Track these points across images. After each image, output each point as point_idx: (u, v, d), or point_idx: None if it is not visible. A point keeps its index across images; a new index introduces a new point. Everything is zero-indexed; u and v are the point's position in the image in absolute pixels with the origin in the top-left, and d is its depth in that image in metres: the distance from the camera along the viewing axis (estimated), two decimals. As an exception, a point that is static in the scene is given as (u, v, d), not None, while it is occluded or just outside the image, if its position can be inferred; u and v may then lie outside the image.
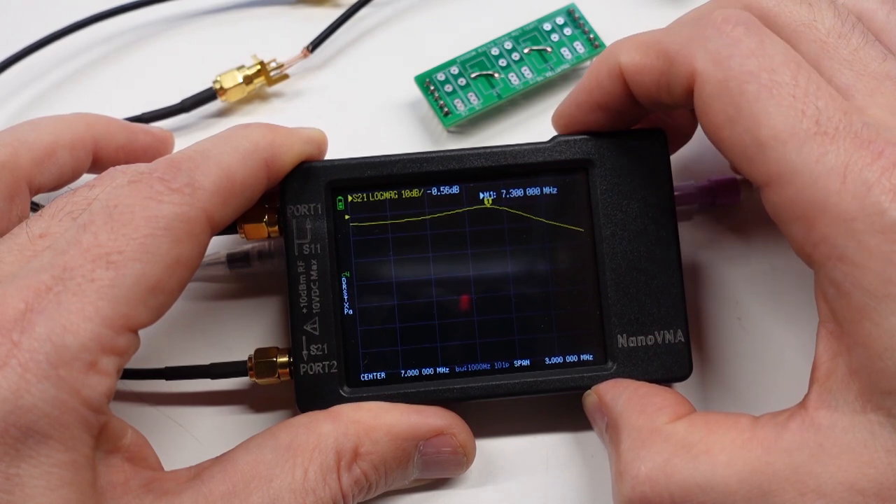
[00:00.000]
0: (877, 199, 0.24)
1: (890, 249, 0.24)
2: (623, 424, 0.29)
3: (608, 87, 0.31)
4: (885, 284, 0.24)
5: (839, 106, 0.26)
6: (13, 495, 0.24)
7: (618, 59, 0.30)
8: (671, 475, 0.27)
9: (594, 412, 0.32)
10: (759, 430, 0.27)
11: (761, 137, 0.26)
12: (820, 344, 0.27)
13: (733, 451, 0.27)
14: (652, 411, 0.29)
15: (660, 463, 0.27)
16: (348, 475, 0.30)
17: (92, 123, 0.34)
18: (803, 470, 0.26)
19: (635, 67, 0.30)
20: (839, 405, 0.26)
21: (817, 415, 0.26)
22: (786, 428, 0.27)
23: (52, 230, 0.28)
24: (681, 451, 0.27)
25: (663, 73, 0.29)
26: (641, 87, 0.30)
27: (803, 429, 0.26)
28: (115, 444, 0.27)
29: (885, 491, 0.25)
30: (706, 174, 0.37)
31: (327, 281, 0.32)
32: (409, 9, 0.43)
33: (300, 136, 0.32)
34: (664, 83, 0.29)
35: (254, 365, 0.33)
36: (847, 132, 0.25)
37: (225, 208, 0.29)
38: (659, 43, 0.29)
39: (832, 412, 0.26)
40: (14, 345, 0.25)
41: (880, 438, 0.25)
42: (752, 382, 0.35)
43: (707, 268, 0.37)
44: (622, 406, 0.30)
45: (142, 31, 0.42)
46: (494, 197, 0.33)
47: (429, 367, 0.33)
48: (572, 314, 0.33)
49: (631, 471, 0.28)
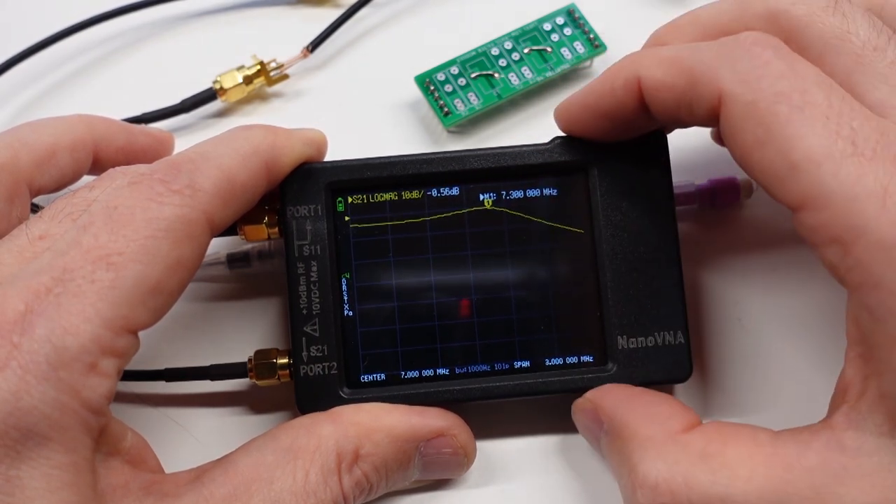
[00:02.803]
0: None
1: None
2: (631, 434, 0.29)
3: (621, 97, 0.30)
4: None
5: (876, 126, 0.25)
6: (13, 497, 0.24)
7: (637, 73, 0.29)
8: (692, 486, 0.27)
9: (588, 419, 0.31)
10: (781, 447, 0.27)
11: (794, 159, 0.25)
12: (848, 366, 0.26)
13: (753, 466, 0.26)
14: (662, 420, 0.29)
15: (679, 473, 0.27)
16: (349, 477, 0.30)
17: (92, 125, 0.34)
18: (826, 491, 0.25)
19: (656, 84, 0.29)
20: (867, 428, 0.26)
21: (844, 435, 0.26)
22: (809, 447, 0.26)
23: (52, 231, 0.28)
24: (699, 463, 0.27)
25: (686, 92, 0.28)
26: (660, 104, 0.29)
27: (829, 449, 0.26)
28: (116, 446, 0.27)
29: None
30: (706, 174, 0.37)
31: (327, 282, 0.32)
32: (409, 9, 0.43)
33: (300, 138, 0.32)
34: (685, 102, 0.28)
35: (254, 366, 0.33)
36: (886, 153, 0.24)
37: (225, 210, 0.29)
38: (684, 61, 0.28)
39: (860, 434, 0.26)
40: (14, 346, 0.25)
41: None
42: (753, 383, 0.35)
43: (707, 268, 0.37)
44: (627, 414, 0.30)
45: (142, 32, 0.42)
46: (494, 198, 0.33)
47: (429, 369, 0.33)
48: (572, 315, 0.33)
49: (649, 481, 0.27)
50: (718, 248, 0.37)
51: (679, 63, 0.28)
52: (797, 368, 0.35)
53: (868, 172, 0.24)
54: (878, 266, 0.24)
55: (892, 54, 0.27)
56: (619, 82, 0.30)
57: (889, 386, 0.25)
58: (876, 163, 0.24)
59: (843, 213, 0.24)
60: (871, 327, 0.25)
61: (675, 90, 0.28)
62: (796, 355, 0.35)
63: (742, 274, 0.37)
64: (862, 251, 0.24)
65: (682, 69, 0.28)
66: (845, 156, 0.24)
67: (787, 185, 0.26)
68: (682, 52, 0.29)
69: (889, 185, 0.24)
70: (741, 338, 0.36)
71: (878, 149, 0.24)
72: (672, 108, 0.29)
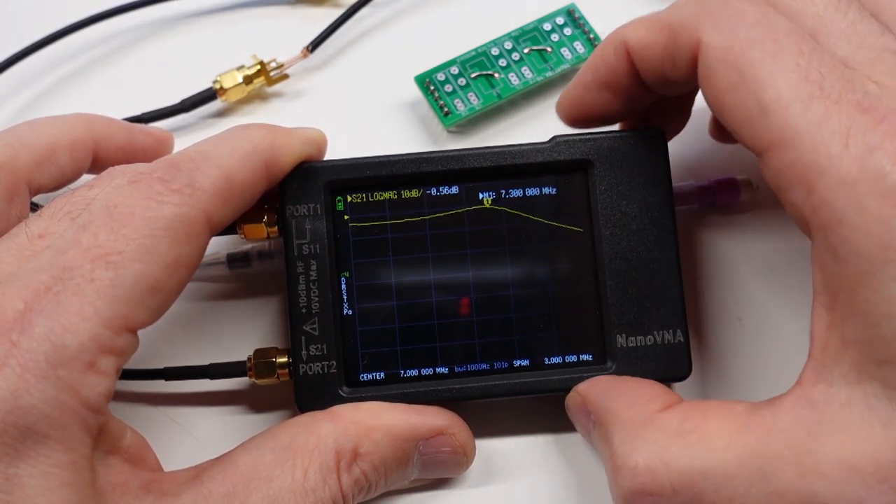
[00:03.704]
0: (879, 163, 0.24)
1: (890, 214, 0.24)
2: (613, 419, 0.29)
3: (614, 64, 0.31)
4: (885, 249, 0.24)
5: (842, 73, 0.26)
6: (12, 496, 0.24)
7: (624, 37, 0.31)
8: (670, 463, 0.27)
9: (578, 412, 0.32)
10: (756, 414, 0.27)
11: (764, 101, 0.26)
12: (814, 318, 0.27)
13: (730, 435, 0.26)
14: (642, 402, 0.29)
15: (657, 452, 0.27)
16: (348, 475, 0.30)
17: (92, 124, 0.34)
18: (802, 449, 0.25)
19: (640, 43, 0.30)
20: (834, 379, 0.26)
21: (813, 391, 0.26)
22: (781, 408, 0.26)
23: (52, 230, 0.28)
24: (677, 439, 0.27)
25: (668, 45, 0.29)
26: (647, 62, 0.30)
27: (799, 406, 0.26)
28: (115, 444, 0.27)
29: (884, 469, 0.24)
30: (706, 174, 0.37)
31: (326, 281, 0.32)
32: (409, 9, 0.43)
33: (300, 137, 0.32)
34: (668, 56, 0.29)
35: (253, 365, 0.33)
36: (850, 98, 0.25)
37: (224, 209, 0.29)
38: (665, 18, 0.30)
39: (828, 387, 0.26)
40: (13, 345, 0.25)
41: (877, 411, 0.25)
42: (753, 382, 0.35)
43: (707, 268, 0.37)
44: (609, 401, 0.30)
45: (141, 32, 0.42)
46: (494, 197, 0.33)
47: (428, 368, 0.33)
48: (571, 314, 0.33)
49: (628, 463, 0.27)
50: (718, 248, 0.37)
51: (661, 20, 0.30)
52: (798, 368, 0.35)
53: (833, 114, 0.25)
54: (841, 202, 0.25)
55: (853, 15, 0.28)
56: (609, 50, 0.31)
57: (853, 331, 0.25)
58: (840, 106, 0.25)
59: (809, 152, 0.25)
60: (834, 269, 0.25)
61: (659, 45, 0.30)
62: (796, 355, 0.35)
63: (742, 274, 0.37)
64: (825, 189, 0.25)
65: (664, 25, 0.29)
66: (812, 98, 0.25)
67: (757, 127, 0.26)
68: (663, 11, 0.30)
69: (851, 127, 0.25)
70: (741, 338, 0.36)
71: (843, 94, 0.25)
72: (658, 65, 0.30)
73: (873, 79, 0.26)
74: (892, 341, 0.24)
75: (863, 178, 0.24)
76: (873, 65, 0.27)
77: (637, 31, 0.30)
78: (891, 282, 0.24)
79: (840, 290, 0.25)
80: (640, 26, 0.30)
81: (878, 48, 0.27)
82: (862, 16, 0.28)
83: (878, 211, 0.24)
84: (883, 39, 0.27)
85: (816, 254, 0.26)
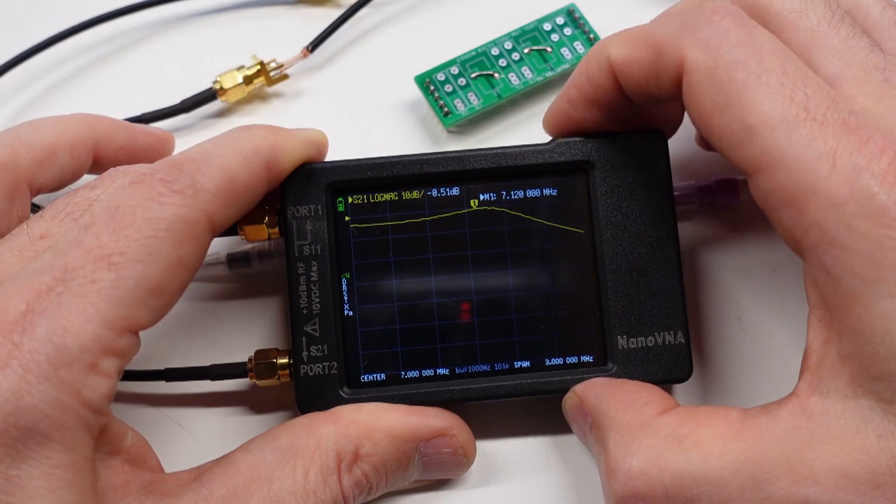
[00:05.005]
0: (866, 184, 0.25)
1: (880, 233, 0.24)
2: (609, 422, 0.29)
3: (598, 80, 0.31)
4: (876, 269, 0.24)
5: (827, 94, 0.26)
6: (13, 496, 0.24)
7: (607, 53, 0.30)
8: (664, 468, 0.27)
9: (575, 414, 0.32)
10: (750, 421, 0.27)
11: (750, 124, 0.26)
12: (810, 332, 0.27)
13: (725, 441, 0.27)
14: (639, 406, 0.29)
15: (651, 456, 0.27)
16: (349, 477, 0.30)
17: (92, 124, 0.34)
18: (796, 457, 0.25)
19: (624, 59, 0.30)
20: (830, 392, 0.26)
21: (809, 402, 0.26)
22: (777, 416, 0.27)
23: (53, 231, 0.28)
24: (672, 444, 0.27)
25: (652, 63, 0.29)
26: (631, 79, 0.30)
27: (795, 416, 0.26)
28: (116, 445, 0.27)
29: (878, 477, 0.25)
30: (706, 174, 0.37)
31: (327, 282, 0.32)
32: (409, 9, 0.43)
33: (301, 138, 0.32)
34: (653, 74, 0.29)
35: (254, 366, 0.33)
36: (835, 119, 0.25)
37: (226, 210, 0.29)
38: (648, 34, 0.29)
39: (823, 399, 0.26)
40: (15, 346, 0.25)
41: (871, 424, 0.25)
42: (753, 383, 0.35)
43: (707, 268, 0.37)
44: (606, 404, 0.30)
45: (142, 32, 0.42)
46: (494, 198, 0.33)
47: (429, 369, 0.33)
48: (572, 315, 0.33)
49: (623, 466, 0.27)
50: (718, 248, 0.37)
51: (644, 37, 0.30)
52: (797, 369, 0.35)
53: (818, 136, 0.25)
54: (832, 223, 0.25)
55: (846, 31, 0.28)
56: (592, 67, 0.31)
57: (848, 347, 0.26)
58: (826, 127, 0.25)
59: (797, 174, 0.25)
60: (827, 288, 0.26)
61: (643, 63, 0.29)
62: (797, 355, 0.35)
63: (742, 274, 0.37)
64: (815, 210, 0.25)
65: (648, 42, 0.29)
66: (798, 120, 0.25)
67: (744, 149, 0.26)
68: (645, 26, 0.30)
69: (837, 149, 0.25)
70: (741, 338, 0.36)
71: (828, 114, 0.26)
72: (642, 83, 0.30)
73: (859, 98, 0.26)
74: (885, 358, 0.25)
75: (852, 200, 0.25)
76: (860, 84, 0.27)
77: (620, 47, 0.30)
78: (882, 300, 0.24)
79: (835, 307, 0.26)
80: (624, 43, 0.30)
81: (868, 66, 0.27)
82: (854, 32, 0.28)
83: (869, 231, 0.24)
84: (872, 57, 0.27)
85: (809, 272, 0.26)
